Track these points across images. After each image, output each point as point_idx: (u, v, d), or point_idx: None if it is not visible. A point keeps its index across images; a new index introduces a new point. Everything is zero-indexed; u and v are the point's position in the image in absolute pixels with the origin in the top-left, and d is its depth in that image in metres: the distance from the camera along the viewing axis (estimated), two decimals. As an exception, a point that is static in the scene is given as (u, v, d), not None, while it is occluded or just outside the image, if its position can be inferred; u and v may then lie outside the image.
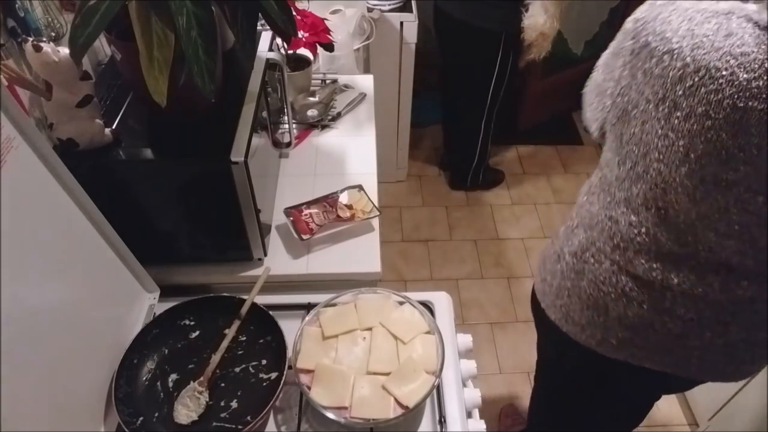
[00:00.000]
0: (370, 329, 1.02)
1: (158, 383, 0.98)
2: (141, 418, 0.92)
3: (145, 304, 1.09)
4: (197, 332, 1.05)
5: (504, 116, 2.53)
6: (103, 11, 0.79)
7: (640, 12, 0.79)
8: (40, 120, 0.96)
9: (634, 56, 0.78)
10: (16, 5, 0.93)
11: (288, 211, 1.23)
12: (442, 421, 0.97)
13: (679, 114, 0.71)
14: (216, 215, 1.09)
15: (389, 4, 2.09)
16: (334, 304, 1.05)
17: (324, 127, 1.51)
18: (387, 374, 0.96)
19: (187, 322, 1.05)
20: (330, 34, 1.54)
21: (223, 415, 0.94)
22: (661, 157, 0.75)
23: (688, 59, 0.69)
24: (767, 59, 0.65)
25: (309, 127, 1.51)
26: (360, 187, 1.30)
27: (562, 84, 2.96)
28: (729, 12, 0.69)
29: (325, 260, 1.20)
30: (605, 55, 0.88)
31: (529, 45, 1.96)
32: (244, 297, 1.03)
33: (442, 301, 1.15)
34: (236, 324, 1.00)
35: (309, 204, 1.25)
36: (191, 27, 0.81)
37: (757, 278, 0.81)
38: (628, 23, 0.81)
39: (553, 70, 2.85)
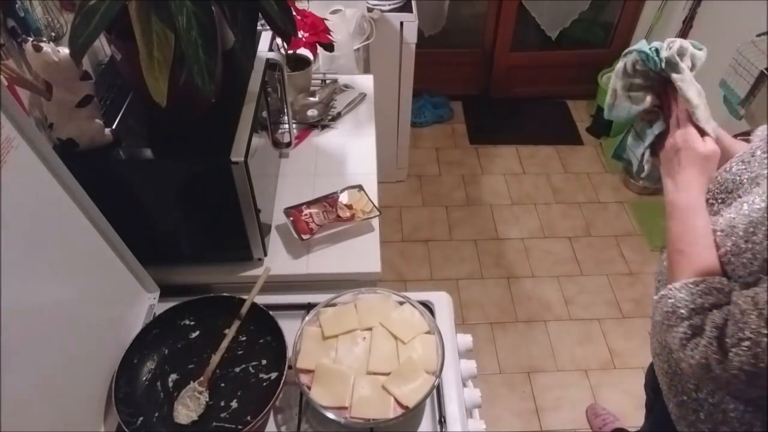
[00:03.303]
0: (370, 329, 1.02)
1: (158, 383, 0.98)
2: (141, 418, 0.92)
3: (145, 304, 1.09)
4: (197, 332, 1.04)
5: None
6: (103, 11, 0.79)
7: None
8: (40, 120, 0.96)
9: None
10: (16, 5, 0.93)
11: (288, 211, 1.23)
12: (442, 421, 0.97)
13: None
14: (216, 215, 1.09)
15: (389, 4, 2.09)
16: (334, 304, 1.05)
17: (324, 127, 1.51)
18: (387, 374, 0.96)
19: (187, 322, 1.05)
20: (330, 34, 1.54)
21: (223, 415, 0.94)
22: None
23: None
24: None
25: (309, 127, 1.51)
26: (360, 187, 1.30)
27: (537, 63, 3.12)
28: None
29: (325, 260, 1.20)
30: None
31: None
32: (244, 297, 1.03)
33: (442, 301, 1.14)
34: (236, 324, 1.00)
35: (309, 204, 1.25)
36: (191, 27, 0.81)
37: None
38: None
39: (523, 47, 3.05)
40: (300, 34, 1.49)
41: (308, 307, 1.08)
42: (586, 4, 2.87)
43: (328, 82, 1.62)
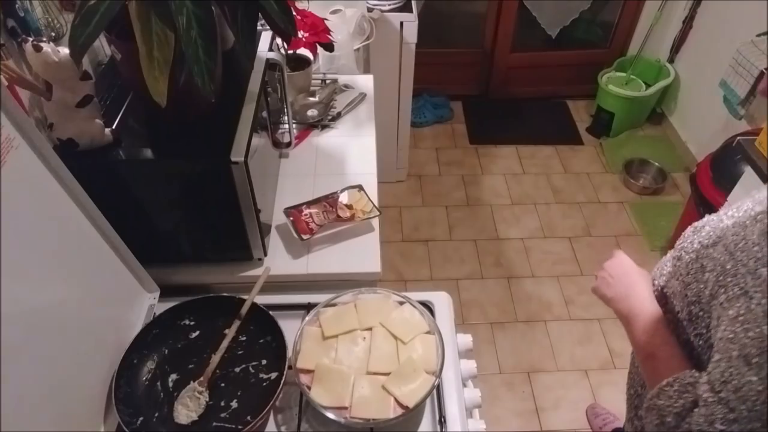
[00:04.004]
0: (370, 329, 1.02)
1: (158, 383, 0.98)
2: (141, 418, 0.92)
3: (145, 304, 1.09)
4: (197, 332, 1.04)
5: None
6: (103, 11, 0.79)
7: None
8: (40, 120, 0.96)
9: None
10: (16, 5, 0.93)
11: (288, 211, 1.23)
12: (442, 421, 0.97)
13: None
14: (216, 215, 1.09)
15: (389, 4, 2.09)
16: (334, 304, 1.05)
17: (324, 127, 1.51)
18: (387, 374, 0.96)
19: (187, 322, 1.05)
20: (330, 34, 1.54)
21: (223, 415, 0.94)
22: None
23: None
24: None
25: (309, 127, 1.51)
26: (360, 187, 1.30)
27: (537, 63, 3.10)
28: None
29: (325, 260, 1.20)
30: None
31: None
32: (244, 297, 1.03)
33: (442, 301, 1.14)
34: (236, 324, 1.00)
35: (309, 204, 1.25)
36: (191, 27, 0.81)
37: None
38: None
39: (526, 48, 3.03)
40: (300, 34, 1.49)
41: (308, 307, 1.08)
42: (587, 4, 2.88)
43: (328, 82, 1.62)
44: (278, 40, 1.30)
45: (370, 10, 2.01)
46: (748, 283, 0.61)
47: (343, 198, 1.27)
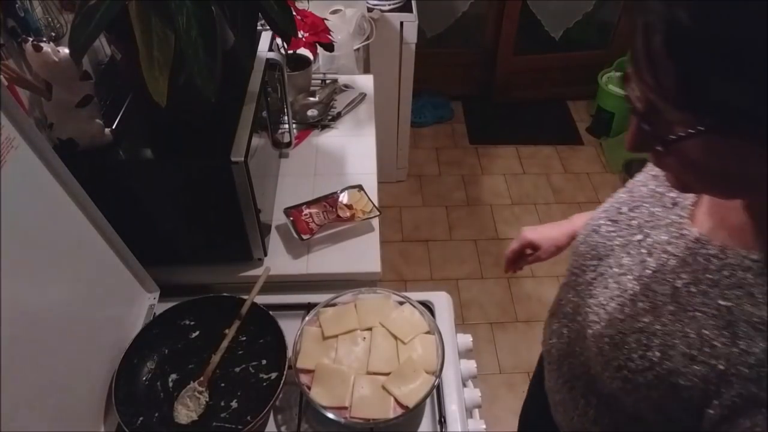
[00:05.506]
0: (370, 329, 1.02)
1: (158, 383, 0.98)
2: (141, 418, 0.92)
3: (145, 304, 1.09)
4: (197, 332, 1.04)
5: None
6: (103, 11, 0.79)
7: None
8: (40, 120, 0.96)
9: None
10: (16, 5, 0.93)
11: (288, 211, 1.23)
12: (442, 421, 0.97)
13: None
14: (216, 215, 1.09)
15: (389, 4, 2.09)
16: (334, 304, 1.05)
17: (324, 127, 1.51)
18: (387, 374, 0.96)
19: (187, 322, 1.05)
20: (330, 34, 1.54)
21: (223, 415, 0.94)
22: None
23: None
24: None
25: (309, 127, 1.51)
26: (360, 187, 1.30)
27: (539, 66, 3.09)
28: None
29: (325, 260, 1.20)
30: None
31: None
32: (244, 297, 1.03)
33: (442, 301, 1.14)
34: (236, 324, 1.00)
35: (309, 204, 1.25)
36: (191, 27, 0.81)
37: None
38: None
39: (527, 50, 3.03)
40: (300, 34, 1.49)
41: (308, 307, 1.08)
42: (591, 5, 2.87)
43: (328, 82, 1.62)
44: (278, 40, 1.30)
45: (370, 10, 2.01)
46: None
47: (343, 198, 1.27)
